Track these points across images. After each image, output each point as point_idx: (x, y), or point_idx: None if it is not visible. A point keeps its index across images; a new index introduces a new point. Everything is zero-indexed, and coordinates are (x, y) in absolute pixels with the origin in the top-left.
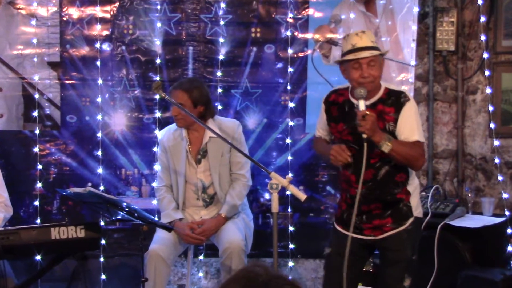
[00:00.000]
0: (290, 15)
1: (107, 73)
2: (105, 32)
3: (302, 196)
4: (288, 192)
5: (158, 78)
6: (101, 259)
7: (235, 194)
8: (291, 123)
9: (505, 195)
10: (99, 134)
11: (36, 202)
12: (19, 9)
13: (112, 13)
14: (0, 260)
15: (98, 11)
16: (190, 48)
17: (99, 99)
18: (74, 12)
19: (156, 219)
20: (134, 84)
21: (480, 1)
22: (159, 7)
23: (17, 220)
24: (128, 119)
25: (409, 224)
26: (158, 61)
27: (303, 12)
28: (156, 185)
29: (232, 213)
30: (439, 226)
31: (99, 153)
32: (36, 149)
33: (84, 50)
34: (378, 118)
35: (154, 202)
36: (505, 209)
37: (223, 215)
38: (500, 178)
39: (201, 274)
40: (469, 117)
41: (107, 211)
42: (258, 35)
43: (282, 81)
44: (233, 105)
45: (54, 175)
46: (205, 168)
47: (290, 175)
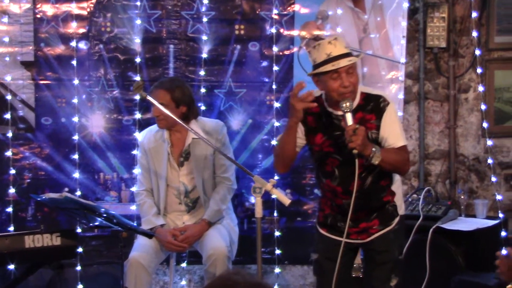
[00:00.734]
0: (275, 11)
1: (84, 73)
2: (82, 30)
3: (286, 201)
4: (274, 196)
5: (138, 78)
6: (78, 268)
7: (219, 198)
8: (277, 124)
9: (499, 197)
10: (76, 137)
11: (9, 209)
12: None
13: (89, 10)
14: None
15: (74, 8)
16: (171, 46)
17: (76, 100)
18: (49, 9)
19: (136, 225)
20: (113, 84)
21: None
22: (138, 4)
23: None
24: (107, 121)
25: (396, 224)
26: (138, 60)
27: (289, 8)
28: (136, 190)
29: (216, 218)
30: (431, 230)
31: (76, 157)
32: (9, 153)
33: (60, 49)
34: None
35: (134, 208)
36: (499, 211)
37: (207, 221)
38: (494, 179)
39: (184, 282)
40: (462, 116)
41: (85, 218)
42: (242, 32)
43: (267, 80)
44: (217, 106)
45: (29, 180)
46: (188, 171)
47: (275, 178)
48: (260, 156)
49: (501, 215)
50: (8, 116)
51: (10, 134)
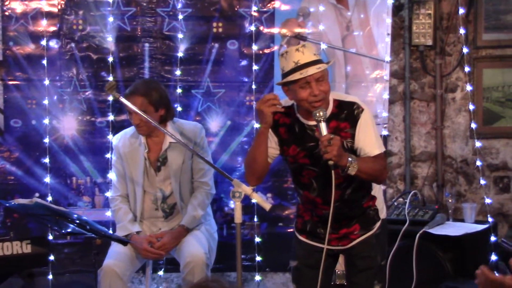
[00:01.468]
0: (255, 8)
1: (55, 73)
2: (52, 28)
3: (267, 206)
4: (254, 201)
5: (111, 78)
6: (50, 277)
7: (197, 204)
8: (257, 125)
9: (488, 200)
10: (47, 140)
11: None
12: None
13: (60, 7)
14: None
15: (44, 5)
16: (146, 45)
17: (47, 101)
18: (18, 6)
19: (111, 232)
20: (85, 85)
21: None
22: (112, 1)
23: None
24: (79, 123)
25: (377, 228)
26: (111, 59)
27: (269, 5)
28: (111, 195)
29: (194, 224)
30: (418, 235)
31: (47, 161)
32: None
33: (29, 48)
34: None
35: (109, 214)
36: (488, 215)
37: (185, 227)
38: (483, 182)
39: None
40: (449, 117)
41: (56, 224)
42: (220, 30)
43: (247, 80)
44: (194, 107)
45: None
46: (165, 177)
47: None
48: (240, 159)
49: (491, 220)
50: None
51: None
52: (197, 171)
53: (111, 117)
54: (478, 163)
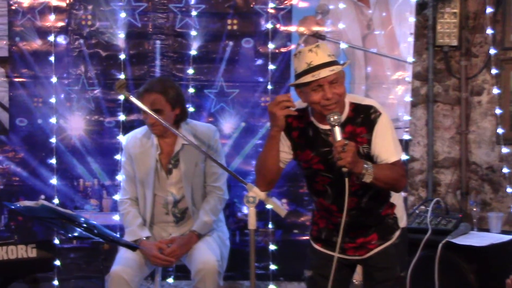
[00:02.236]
0: (271, 5)
1: (63, 70)
2: (60, 23)
3: (282, 212)
4: (269, 206)
5: (121, 76)
6: (56, 283)
7: (210, 209)
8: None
9: None
10: (54, 140)
11: None
12: None
13: (68, 2)
14: None
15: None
16: (158, 42)
17: (54, 100)
18: (25, 0)
19: (119, 237)
20: (94, 83)
21: None
22: None
23: None
24: (87, 123)
25: (396, 238)
26: (122, 57)
27: (286, 2)
28: (120, 198)
29: (206, 230)
30: (441, 245)
31: (54, 162)
32: None
33: (36, 44)
34: (350, 141)
35: (117, 218)
36: None
37: (196, 233)
38: (510, 190)
39: None
40: (474, 121)
41: (63, 228)
42: (235, 28)
43: (262, 80)
44: (207, 107)
45: (2, 187)
46: (177, 180)
47: None
48: (254, 163)
49: None
50: None
51: None
52: (210, 175)
53: (121, 117)
54: (505, 170)
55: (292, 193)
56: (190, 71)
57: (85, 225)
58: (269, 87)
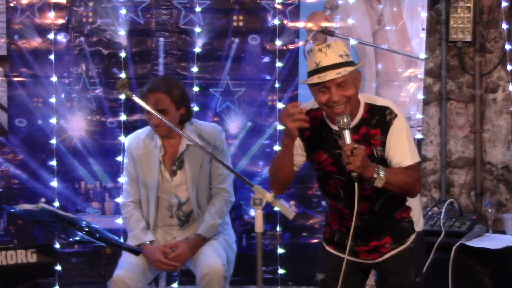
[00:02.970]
0: (278, 1)
1: (63, 69)
2: (60, 21)
3: (290, 214)
4: (276, 209)
5: (123, 75)
6: None
7: (215, 212)
8: (280, 127)
9: None
10: (54, 141)
11: None
12: None
13: None
14: None
15: None
16: (161, 40)
17: (54, 100)
18: None
19: (122, 241)
20: (95, 82)
21: None
22: None
23: None
24: (88, 123)
25: (411, 242)
26: (123, 55)
27: None
28: (122, 201)
29: (212, 234)
30: (454, 247)
31: (54, 163)
32: None
33: (36, 42)
34: (363, 143)
35: (119, 221)
36: None
37: (201, 236)
38: None
39: None
40: (489, 120)
41: (64, 232)
42: (241, 24)
43: (269, 78)
44: (212, 106)
45: (1, 190)
46: (181, 182)
47: None
48: (261, 164)
49: None
50: None
51: None
52: (216, 177)
53: (123, 117)
54: None
55: (301, 195)
56: (195, 69)
57: (87, 229)
58: (277, 85)
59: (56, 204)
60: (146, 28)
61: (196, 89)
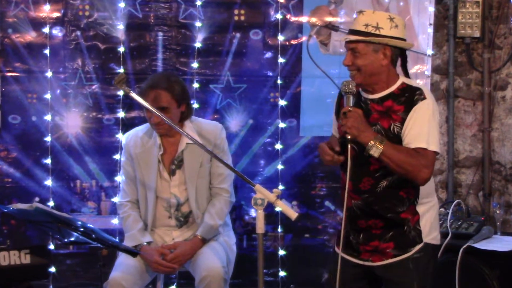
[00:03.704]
0: None
1: (59, 64)
2: (56, 14)
3: (293, 214)
4: (278, 209)
5: (121, 70)
6: None
7: (215, 212)
8: (282, 125)
9: None
10: (49, 138)
11: None
12: None
13: None
14: None
15: None
16: (160, 34)
17: (49, 96)
18: None
19: (119, 242)
20: (92, 78)
21: None
22: None
23: None
24: (84, 120)
25: (416, 252)
26: (121, 50)
27: None
28: (119, 200)
29: (211, 235)
30: (462, 249)
31: (49, 161)
32: None
33: (30, 36)
34: (384, 116)
35: (116, 221)
36: None
37: (200, 237)
38: None
39: None
40: (498, 118)
41: (58, 232)
42: (242, 19)
43: (272, 74)
44: (212, 103)
45: None
46: (180, 181)
47: (280, 188)
48: (262, 163)
49: None
50: None
51: None
52: (216, 176)
53: (121, 114)
54: None
55: (303, 195)
56: (195, 65)
57: (82, 229)
58: (279, 82)
59: (51, 204)
60: (145, 22)
61: (196, 86)
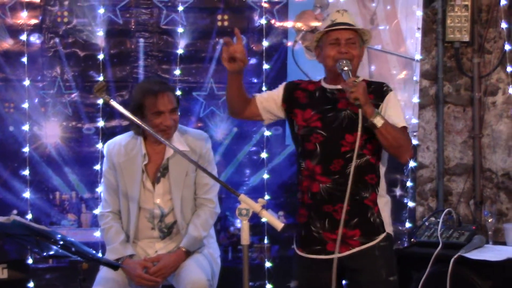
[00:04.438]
0: None
1: (37, 72)
2: (34, 21)
3: (279, 225)
4: (264, 219)
5: (101, 78)
6: None
7: (200, 224)
8: (268, 133)
9: None
10: (27, 149)
11: None
12: None
13: None
14: None
15: None
16: (141, 40)
17: (26, 105)
18: None
19: (100, 255)
20: (71, 86)
21: None
22: None
23: None
24: (63, 130)
25: (381, 240)
26: (101, 57)
27: None
28: (100, 211)
29: (196, 247)
30: (453, 259)
31: (27, 173)
32: None
33: (7, 43)
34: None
35: (97, 234)
36: None
37: (184, 249)
38: None
39: None
40: (488, 124)
41: (37, 246)
42: (226, 24)
43: (256, 81)
44: (195, 111)
45: None
46: (165, 190)
47: (266, 198)
48: (248, 172)
49: None
50: None
51: None
52: (201, 186)
53: (101, 123)
54: None
55: (290, 205)
56: (177, 72)
57: (62, 243)
58: (264, 89)
59: (29, 216)
60: (125, 29)
61: (179, 93)
